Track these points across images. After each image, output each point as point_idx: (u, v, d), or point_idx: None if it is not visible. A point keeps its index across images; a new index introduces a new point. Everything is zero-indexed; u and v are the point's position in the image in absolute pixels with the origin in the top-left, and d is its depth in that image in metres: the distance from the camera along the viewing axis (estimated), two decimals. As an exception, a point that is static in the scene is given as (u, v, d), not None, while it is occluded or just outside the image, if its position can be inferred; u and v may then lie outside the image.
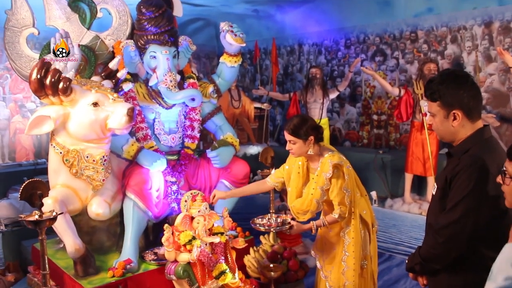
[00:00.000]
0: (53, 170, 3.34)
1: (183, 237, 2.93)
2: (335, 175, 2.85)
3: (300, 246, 5.02)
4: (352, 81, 7.40)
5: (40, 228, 2.66)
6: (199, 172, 4.04)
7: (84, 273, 3.35)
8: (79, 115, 3.15)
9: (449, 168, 2.10)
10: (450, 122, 2.09)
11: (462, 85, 2.07)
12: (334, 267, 3.04)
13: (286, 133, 2.91)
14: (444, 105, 2.09)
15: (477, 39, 6.05)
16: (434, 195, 2.21)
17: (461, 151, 2.09)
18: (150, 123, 3.94)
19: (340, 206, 2.87)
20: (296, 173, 3.07)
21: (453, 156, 2.14)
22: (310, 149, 2.89)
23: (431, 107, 2.15)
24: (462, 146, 2.10)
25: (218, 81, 4.18)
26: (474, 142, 2.07)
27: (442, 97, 2.08)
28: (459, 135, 2.12)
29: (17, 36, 3.67)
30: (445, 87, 2.07)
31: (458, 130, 2.10)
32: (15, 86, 6.78)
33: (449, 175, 2.06)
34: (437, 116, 2.13)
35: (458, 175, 2.02)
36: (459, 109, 2.06)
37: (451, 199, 2.04)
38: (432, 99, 2.12)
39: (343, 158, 2.92)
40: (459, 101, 2.06)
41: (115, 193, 3.58)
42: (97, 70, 3.77)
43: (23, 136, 6.77)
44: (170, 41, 3.78)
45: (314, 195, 2.90)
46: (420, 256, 2.19)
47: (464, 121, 2.08)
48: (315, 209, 2.93)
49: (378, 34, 7.22)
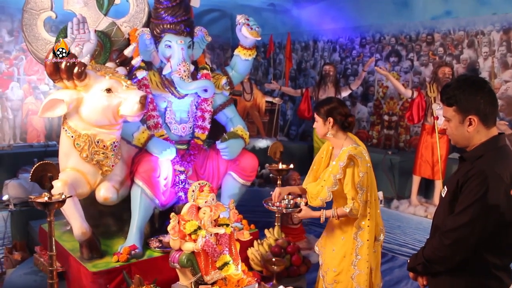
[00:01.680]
0: (64, 153, 3.37)
1: (188, 226, 2.95)
2: (350, 167, 2.80)
3: (304, 241, 5.05)
4: (365, 80, 7.37)
5: (49, 209, 2.71)
6: (208, 163, 4.06)
7: (89, 256, 3.39)
8: (92, 100, 3.17)
9: (462, 172, 2.10)
10: (465, 128, 2.10)
11: (479, 91, 2.08)
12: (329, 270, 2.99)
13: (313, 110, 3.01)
14: (460, 110, 2.09)
15: (495, 45, 5.99)
16: (444, 197, 2.21)
17: (475, 157, 2.09)
18: (162, 111, 3.95)
19: (353, 201, 2.81)
20: (320, 157, 3.08)
21: (466, 161, 2.15)
22: (330, 131, 2.89)
23: (447, 112, 2.15)
24: (476, 152, 2.11)
25: (231, 73, 4.19)
26: (488, 149, 2.08)
27: (458, 102, 2.09)
28: (473, 141, 2.12)
29: (34, 18, 3.70)
30: (461, 92, 2.08)
31: (472, 136, 2.11)
32: (30, 68, 6.84)
33: (461, 179, 2.07)
34: (452, 121, 2.14)
35: (470, 180, 2.02)
36: (475, 114, 2.07)
37: (461, 203, 2.05)
38: (448, 104, 2.13)
39: (364, 155, 2.85)
40: (476, 107, 2.06)
41: (124, 179, 3.61)
42: (112, 57, 3.79)
43: (35, 118, 6.84)
44: (186, 31, 3.78)
45: (327, 182, 2.87)
46: (423, 256, 2.19)
47: (479, 127, 2.09)
48: (325, 197, 2.88)
49: (394, 34, 7.17)
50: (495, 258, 2.06)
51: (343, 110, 2.91)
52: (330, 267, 2.99)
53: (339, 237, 2.98)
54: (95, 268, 3.28)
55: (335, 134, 2.91)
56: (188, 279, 3.00)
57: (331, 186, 2.84)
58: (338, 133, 2.91)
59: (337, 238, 3.00)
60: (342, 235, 2.97)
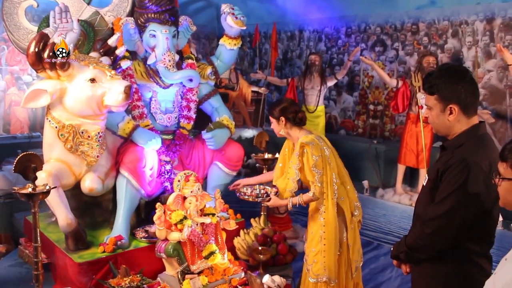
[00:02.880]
0: (48, 144, 3.34)
1: (174, 216, 2.95)
2: (303, 154, 2.99)
3: (290, 231, 5.07)
4: (351, 70, 7.40)
5: (33, 201, 2.69)
6: (193, 153, 4.06)
7: (75, 247, 3.38)
8: (76, 90, 3.14)
9: (442, 161, 2.12)
10: (446, 116, 2.11)
11: (460, 80, 2.09)
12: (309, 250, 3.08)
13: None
14: (441, 99, 2.10)
15: (478, 34, 6.05)
16: (425, 186, 2.24)
17: (455, 146, 2.11)
18: (147, 101, 3.93)
19: (314, 185, 2.96)
20: (284, 154, 3.26)
21: (447, 150, 2.17)
22: (282, 129, 3.13)
23: (429, 100, 2.16)
24: (456, 141, 2.12)
25: (216, 63, 4.17)
26: (468, 138, 2.10)
27: (439, 91, 2.10)
28: (454, 130, 2.14)
29: (15, 7, 3.64)
30: (443, 81, 2.09)
31: (453, 125, 2.12)
32: (12, 58, 6.73)
33: (441, 168, 2.09)
34: (433, 109, 2.15)
35: (450, 169, 2.04)
36: (455, 103, 2.08)
37: (441, 192, 2.07)
38: (430, 92, 2.14)
39: (317, 140, 3.02)
40: (456, 96, 2.08)
41: (109, 169, 3.59)
42: (96, 46, 3.76)
43: (18, 109, 6.74)
44: (170, 21, 3.76)
45: (290, 174, 3.06)
46: (406, 245, 2.22)
47: (460, 116, 2.10)
48: (291, 188, 3.06)
49: (379, 24, 7.20)
50: (475, 245, 2.09)
51: (293, 108, 3.15)
52: (310, 247, 3.09)
53: (317, 219, 3.08)
54: (81, 259, 3.28)
55: (289, 131, 3.14)
56: (174, 269, 3.01)
57: (294, 177, 3.03)
58: (293, 129, 3.14)
59: (315, 220, 3.09)
60: (319, 217, 3.07)
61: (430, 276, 2.18)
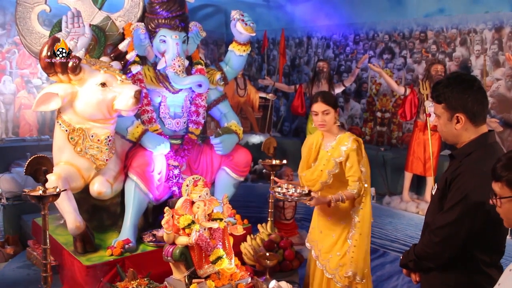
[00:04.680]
0: (58, 147, 3.37)
1: (182, 220, 2.96)
2: (354, 150, 2.98)
3: (296, 237, 5.07)
4: (359, 77, 7.41)
5: (43, 203, 2.71)
6: (202, 158, 4.07)
7: (83, 250, 3.40)
8: (86, 94, 3.17)
9: (450, 170, 2.13)
10: (453, 125, 2.12)
11: (468, 89, 2.09)
12: (332, 256, 3.10)
13: (321, 103, 3.06)
14: (448, 108, 2.11)
15: (487, 43, 6.04)
16: (434, 195, 2.24)
17: (463, 154, 2.11)
18: (156, 106, 3.96)
19: (358, 182, 2.97)
20: (310, 148, 3.26)
21: (455, 159, 2.17)
22: (337, 120, 3.11)
23: (437, 108, 2.18)
24: (465, 149, 2.13)
25: (225, 68, 4.20)
26: (477, 147, 2.09)
27: (446, 99, 2.11)
28: (462, 138, 2.14)
29: (28, 12, 3.68)
30: (450, 90, 2.10)
31: (461, 133, 2.13)
32: (22, 62, 6.80)
33: (450, 177, 2.09)
34: (441, 118, 2.16)
35: (458, 177, 2.04)
36: (462, 112, 2.08)
37: (449, 200, 2.07)
38: (438, 101, 2.16)
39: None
40: (463, 105, 2.08)
41: (118, 173, 3.62)
42: (107, 51, 3.79)
43: (27, 112, 6.80)
44: (180, 26, 3.79)
45: (327, 166, 3.04)
46: (414, 253, 2.22)
47: (467, 124, 2.10)
48: (325, 180, 3.05)
49: (388, 31, 7.21)
50: (484, 255, 2.08)
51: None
52: (333, 252, 3.10)
53: (338, 223, 3.11)
54: (88, 262, 3.29)
55: (335, 124, 3.12)
56: (181, 273, 3.02)
57: (332, 169, 3.02)
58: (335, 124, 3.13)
59: (336, 224, 3.12)
60: (341, 220, 3.11)
61: (438, 284, 2.18)
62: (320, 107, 3.06)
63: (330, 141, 3.14)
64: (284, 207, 5.16)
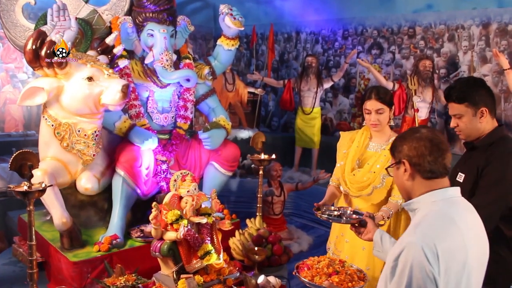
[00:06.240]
0: (44, 143, 3.33)
1: (170, 216, 2.95)
2: None
3: (285, 232, 5.09)
4: (347, 72, 7.42)
5: (28, 199, 2.67)
6: (190, 153, 4.05)
7: (70, 246, 3.36)
8: (73, 88, 3.13)
9: (479, 159, 2.38)
10: (477, 120, 2.38)
11: (482, 87, 2.41)
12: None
13: (375, 101, 2.78)
14: (472, 105, 2.37)
15: (474, 39, 6.08)
16: (462, 183, 2.41)
17: (487, 144, 2.40)
18: (144, 101, 3.93)
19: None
20: (355, 146, 2.97)
21: (478, 149, 2.43)
22: (392, 119, 2.88)
23: (458, 109, 2.40)
24: (486, 140, 2.41)
25: (214, 63, 4.18)
26: (497, 137, 2.40)
27: (468, 97, 2.37)
28: (483, 131, 2.41)
29: (12, 4, 3.62)
30: (469, 88, 2.37)
31: (484, 126, 2.40)
32: (7, 56, 6.69)
33: (482, 164, 2.33)
34: (464, 116, 2.39)
35: (492, 162, 2.30)
36: (484, 106, 2.36)
37: (485, 183, 2.31)
38: (459, 101, 2.39)
39: None
40: (484, 100, 2.37)
41: (105, 168, 3.59)
42: (93, 45, 3.74)
43: (13, 107, 6.70)
44: (168, 20, 3.75)
45: (382, 169, 2.74)
46: None
47: (488, 117, 2.39)
48: (378, 184, 2.79)
49: (376, 27, 7.22)
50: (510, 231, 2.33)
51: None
52: (362, 266, 2.74)
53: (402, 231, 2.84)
54: (76, 258, 3.26)
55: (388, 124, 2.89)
56: (170, 269, 3.00)
57: (386, 174, 2.60)
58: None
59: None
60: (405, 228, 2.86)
61: None
62: (374, 105, 2.79)
63: (380, 142, 2.89)
64: (272, 202, 5.17)
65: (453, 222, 1.57)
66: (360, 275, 2.50)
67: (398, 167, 1.74)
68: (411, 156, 1.68)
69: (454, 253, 1.49)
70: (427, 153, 1.65)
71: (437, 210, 1.62)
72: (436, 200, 1.65)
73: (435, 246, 1.47)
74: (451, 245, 1.50)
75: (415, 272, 1.46)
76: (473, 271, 1.57)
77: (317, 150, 6.71)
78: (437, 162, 1.65)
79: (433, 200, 1.65)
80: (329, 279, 2.41)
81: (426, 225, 1.58)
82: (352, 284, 2.38)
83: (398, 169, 1.74)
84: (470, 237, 1.57)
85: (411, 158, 1.68)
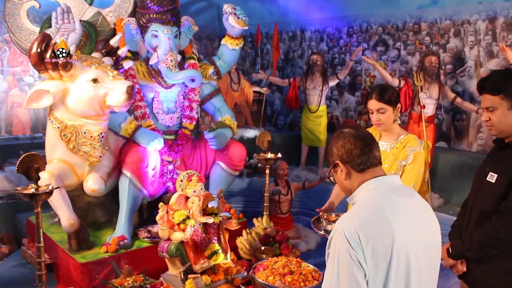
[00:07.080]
0: (51, 145, 3.35)
1: (177, 216, 2.95)
2: (423, 155, 2.70)
3: (292, 230, 5.07)
4: (353, 70, 7.39)
5: (36, 201, 2.69)
6: (196, 153, 4.06)
7: (77, 248, 3.38)
8: (78, 90, 3.15)
9: None
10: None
11: None
12: None
13: (375, 101, 2.73)
14: (507, 97, 2.20)
15: (480, 34, 6.03)
16: (495, 183, 2.26)
17: None
18: (149, 102, 3.94)
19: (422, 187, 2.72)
20: None
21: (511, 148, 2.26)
22: (397, 118, 2.78)
23: (492, 101, 2.24)
24: None
25: (218, 63, 4.18)
26: None
27: (503, 89, 2.20)
28: None
29: (17, 8, 3.65)
30: (504, 80, 2.21)
31: None
32: (14, 59, 6.73)
33: None
34: (499, 109, 2.22)
35: None
36: None
37: None
38: (494, 93, 2.22)
39: None
40: None
41: (111, 170, 3.60)
42: (98, 47, 3.76)
43: (20, 110, 6.74)
44: (172, 21, 3.76)
45: (391, 168, 2.71)
46: (477, 242, 2.24)
47: None
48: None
49: (381, 24, 7.18)
50: None
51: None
52: None
53: None
54: (83, 259, 3.28)
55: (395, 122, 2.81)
56: (177, 269, 3.01)
57: (396, 172, 2.70)
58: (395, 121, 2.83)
59: None
60: None
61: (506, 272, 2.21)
62: (375, 105, 2.74)
63: (389, 141, 2.83)
64: (279, 201, 5.16)
65: (377, 208, 1.58)
66: (315, 275, 2.61)
67: (335, 170, 1.77)
68: (341, 155, 1.71)
69: (380, 237, 1.50)
70: (353, 147, 1.69)
71: (365, 197, 1.66)
72: (372, 187, 1.67)
73: (356, 232, 1.49)
74: (374, 229, 1.51)
75: (341, 258, 1.51)
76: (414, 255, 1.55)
77: (324, 148, 6.69)
78: (365, 154, 1.68)
79: (369, 189, 1.67)
80: (282, 279, 2.54)
81: (350, 213, 1.63)
82: (305, 284, 2.52)
83: (337, 172, 1.77)
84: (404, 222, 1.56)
85: (342, 156, 1.71)
